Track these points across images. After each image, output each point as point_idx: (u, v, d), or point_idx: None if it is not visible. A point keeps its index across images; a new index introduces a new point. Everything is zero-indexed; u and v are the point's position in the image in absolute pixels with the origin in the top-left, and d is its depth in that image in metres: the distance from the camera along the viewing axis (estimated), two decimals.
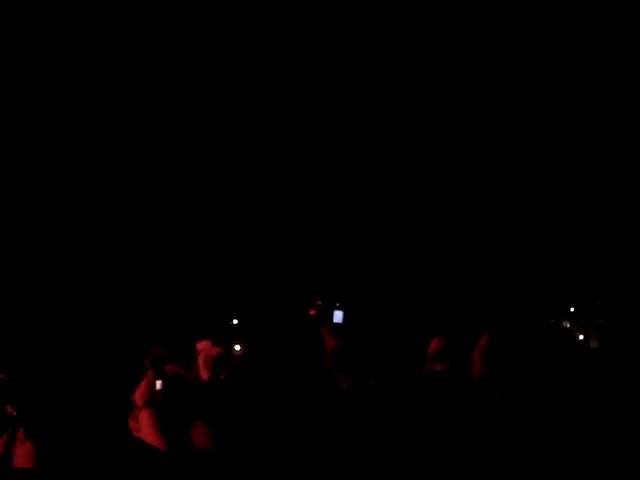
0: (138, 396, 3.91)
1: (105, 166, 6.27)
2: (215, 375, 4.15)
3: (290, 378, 4.60)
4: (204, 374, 4.18)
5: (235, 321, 5.73)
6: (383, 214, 6.03)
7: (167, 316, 5.55)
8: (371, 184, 6.16)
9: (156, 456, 3.48)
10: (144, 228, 6.10)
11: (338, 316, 4.20)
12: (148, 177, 6.38)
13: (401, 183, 6.21)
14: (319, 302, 4.24)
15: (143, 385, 3.89)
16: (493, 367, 3.88)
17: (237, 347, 5.54)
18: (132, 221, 6.13)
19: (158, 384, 3.92)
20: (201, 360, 4.22)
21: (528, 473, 3.47)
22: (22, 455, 3.37)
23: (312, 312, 4.25)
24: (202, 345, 4.30)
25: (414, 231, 5.80)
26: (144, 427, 3.78)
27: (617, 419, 3.58)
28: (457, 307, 5.55)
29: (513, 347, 3.94)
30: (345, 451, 3.96)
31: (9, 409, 3.47)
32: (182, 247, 6.12)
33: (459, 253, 5.92)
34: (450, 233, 5.91)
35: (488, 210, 6.15)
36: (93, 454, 3.15)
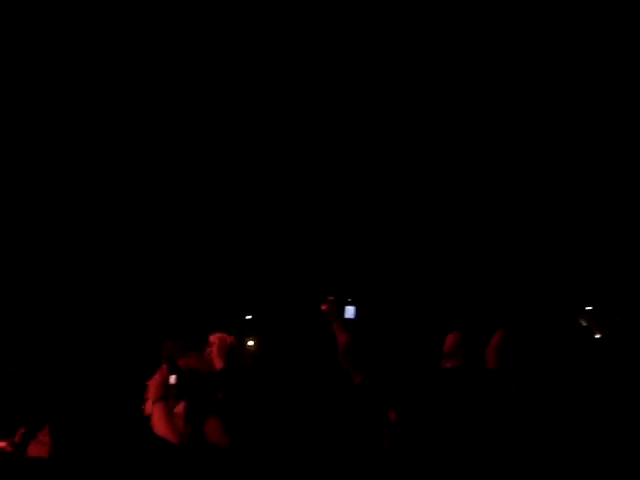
0: (152, 390, 3.94)
1: (126, 159, 6.30)
2: (229, 365, 4.17)
3: (302, 373, 4.62)
4: (218, 363, 4.20)
5: (248, 317, 5.76)
6: (395, 209, 6.03)
7: (181, 311, 5.59)
8: (384, 178, 6.17)
9: (169, 449, 3.51)
10: (159, 223, 6.14)
11: (350, 311, 4.20)
12: (161, 172, 6.41)
13: (414, 178, 6.21)
14: (331, 297, 4.25)
15: (157, 379, 3.92)
16: (506, 364, 3.88)
17: (250, 342, 5.57)
18: (147, 215, 6.17)
19: (172, 379, 3.94)
20: (215, 349, 4.24)
21: (542, 468, 3.48)
22: (38, 446, 3.41)
23: (324, 307, 4.26)
24: (215, 336, 4.33)
25: (427, 226, 5.80)
26: (157, 421, 3.81)
27: (632, 416, 3.58)
28: (470, 303, 5.56)
29: (526, 344, 3.94)
30: (355, 445, 3.98)
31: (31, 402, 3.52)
32: (195, 242, 6.15)
33: (474, 249, 5.93)
34: (465, 229, 5.91)
35: (504, 205, 6.15)
36: (108, 448, 3.18)
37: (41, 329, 5.50)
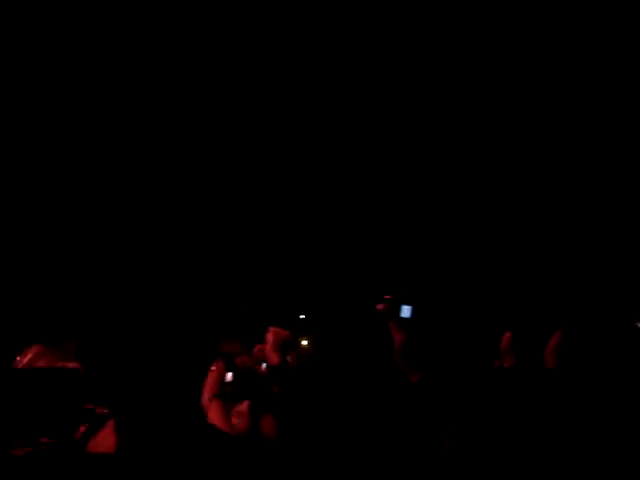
0: (208, 388, 3.97)
1: (169, 159, 6.36)
2: (284, 359, 4.18)
3: (358, 373, 4.62)
4: (273, 358, 4.21)
5: (302, 316, 5.78)
6: (453, 208, 6.00)
7: (237, 311, 5.63)
8: (439, 177, 6.13)
9: (229, 442, 3.54)
10: (216, 222, 6.20)
11: (406, 311, 4.19)
12: (217, 171, 6.47)
13: (470, 178, 6.16)
14: (387, 297, 4.25)
15: (213, 377, 3.95)
16: (565, 364, 3.84)
17: (304, 342, 5.58)
18: (204, 215, 6.23)
19: (228, 376, 3.97)
20: (270, 343, 4.25)
21: (602, 468, 3.43)
22: (101, 441, 3.46)
23: (380, 307, 4.26)
24: (270, 331, 4.35)
25: (485, 226, 5.75)
26: (214, 418, 3.85)
27: None
28: (527, 303, 5.51)
29: (585, 345, 3.90)
30: (413, 444, 3.97)
31: (95, 401, 3.57)
32: (253, 243, 6.19)
33: (533, 249, 5.86)
34: (522, 228, 5.85)
35: (561, 205, 6.06)
36: (170, 442, 3.23)
37: (104, 327, 5.60)
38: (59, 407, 3.92)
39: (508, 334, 4.28)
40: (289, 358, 4.30)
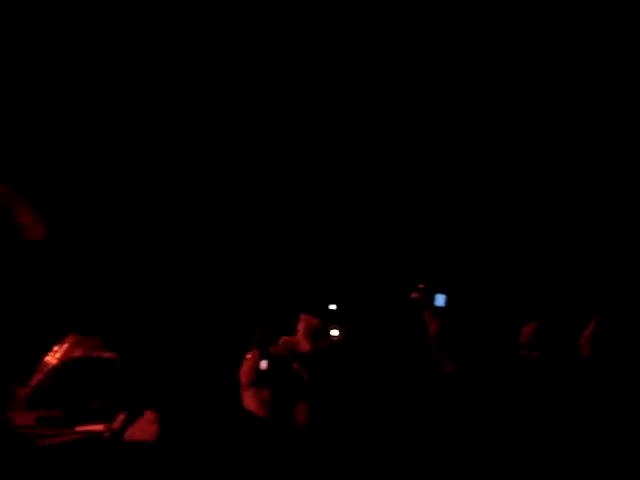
0: (243, 376, 3.99)
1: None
2: (315, 347, 4.20)
3: (392, 362, 4.61)
4: (305, 345, 4.23)
5: (333, 306, 5.76)
6: (485, 196, 5.97)
7: (271, 299, 5.66)
8: (472, 167, 6.11)
9: (265, 428, 3.56)
10: (249, 213, 6.21)
11: (440, 299, 4.18)
12: (250, 167, 6.47)
13: (500, 168, 6.13)
14: (421, 285, 4.24)
15: (248, 365, 3.97)
16: (601, 353, 3.83)
17: (334, 332, 5.57)
18: (235, 205, 6.24)
19: (263, 364, 3.98)
20: (301, 330, 4.27)
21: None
22: (139, 430, 3.48)
23: (414, 295, 4.25)
24: (301, 319, 4.37)
25: (518, 214, 5.72)
26: (249, 406, 3.86)
27: None
28: (559, 292, 5.48)
29: (621, 333, 3.87)
30: (446, 434, 3.97)
31: (133, 388, 3.60)
32: (284, 233, 6.19)
33: (567, 238, 5.81)
34: (555, 218, 5.80)
35: (593, 195, 6.01)
36: (208, 429, 3.25)
37: (141, 315, 5.65)
38: (96, 397, 3.96)
39: (533, 324, 4.26)
40: (320, 346, 4.31)
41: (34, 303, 5.44)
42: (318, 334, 4.45)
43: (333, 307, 5.68)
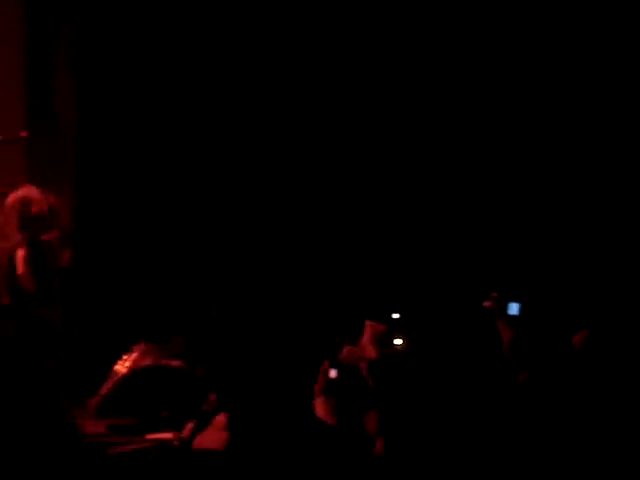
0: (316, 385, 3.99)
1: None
2: (382, 353, 4.21)
3: (461, 371, 4.55)
4: (370, 351, 4.23)
5: (396, 315, 5.72)
6: (559, 206, 5.86)
7: (338, 311, 5.64)
8: (548, 176, 6.01)
9: (334, 436, 3.55)
10: (313, 220, 6.20)
11: (514, 308, 4.12)
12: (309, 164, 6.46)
13: (575, 179, 6.03)
14: (494, 294, 4.19)
15: (320, 374, 3.97)
16: None
17: (398, 341, 5.51)
18: (302, 210, 6.24)
19: (333, 373, 3.97)
20: (367, 337, 4.27)
21: None
22: (208, 438, 3.48)
23: (487, 304, 4.20)
24: (367, 326, 4.37)
25: (592, 222, 5.60)
26: (320, 414, 3.86)
27: None
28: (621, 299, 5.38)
29: None
30: (521, 441, 3.91)
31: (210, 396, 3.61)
32: (351, 243, 6.16)
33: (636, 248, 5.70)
34: (624, 227, 5.68)
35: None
36: (278, 438, 3.23)
37: (215, 325, 5.70)
38: (165, 405, 3.97)
39: (584, 333, 4.19)
40: (386, 352, 4.31)
41: (104, 313, 5.51)
42: (384, 341, 4.45)
43: (396, 316, 5.64)
